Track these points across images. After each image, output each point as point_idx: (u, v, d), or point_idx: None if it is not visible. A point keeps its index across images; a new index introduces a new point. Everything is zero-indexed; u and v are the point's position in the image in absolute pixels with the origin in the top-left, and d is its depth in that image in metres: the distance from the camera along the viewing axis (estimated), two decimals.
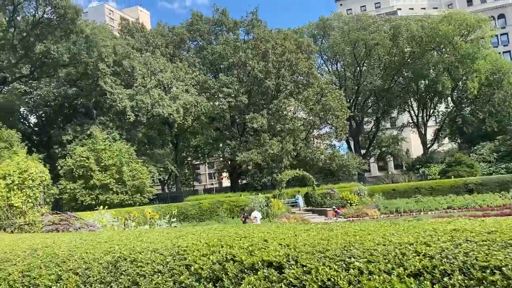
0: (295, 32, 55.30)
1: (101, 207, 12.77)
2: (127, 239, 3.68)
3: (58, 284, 3.19)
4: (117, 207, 26.53)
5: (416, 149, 77.65)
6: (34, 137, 45.89)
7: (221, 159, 65.86)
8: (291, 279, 2.24)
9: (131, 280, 2.82)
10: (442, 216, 24.82)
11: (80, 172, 30.54)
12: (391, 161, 79.61)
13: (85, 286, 3.04)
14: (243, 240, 2.81)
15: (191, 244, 2.95)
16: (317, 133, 51.83)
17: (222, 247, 2.78)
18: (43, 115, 47.26)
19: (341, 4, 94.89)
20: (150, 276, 2.75)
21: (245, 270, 2.46)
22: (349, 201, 33.71)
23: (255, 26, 48.23)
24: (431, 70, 57.28)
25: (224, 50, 45.18)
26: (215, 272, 2.53)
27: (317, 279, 2.15)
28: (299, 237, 2.67)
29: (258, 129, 41.48)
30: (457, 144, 61.18)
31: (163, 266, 2.78)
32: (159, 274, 2.73)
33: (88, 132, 35.41)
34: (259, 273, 2.38)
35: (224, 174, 70.21)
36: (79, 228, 9.91)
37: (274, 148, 39.58)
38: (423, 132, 63.18)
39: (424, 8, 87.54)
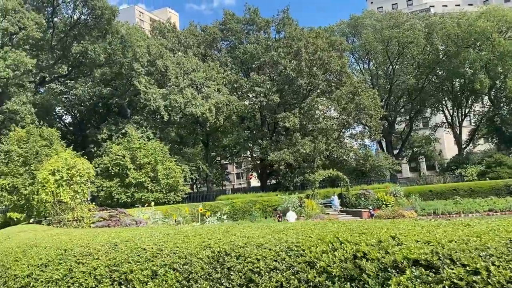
0: (326, 30, 54.60)
1: (152, 203, 12.72)
2: (216, 233, 3.46)
3: (156, 280, 2.98)
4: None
5: (449, 150, 75.56)
6: (69, 136, 46.83)
7: (249, 159, 65.76)
8: (454, 280, 1.94)
9: (243, 277, 2.58)
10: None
11: (116, 170, 30.95)
12: (423, 162, 77.76)
13: (188, 282, 2.81)
14: (364, 236, 2.53)
15: (302, 240, 2.68)
16: (349, 132, 50.99)
17: (341, 243, 2.50)
18: (77, 114, 48.17)
19: (371, 2, 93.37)
20: (266, 273, 2.49)
21: (387, 269, 2.18)
22: (384, 202, 32.93)
23: (286, 25, 47.86)
24: (467, 69, 55.47)
25: (256, 49, 44.96)
26: (348, 271, 2.26)
27: (491, 280, 1.85)
28: (435, 233, 2.37)
29: (290, 128, 41.04)
30: (494, 144, 59.05)
31: (279, 262, 2.52)
32: (277, 271, 2.48)
33: (123, 131, 35.87)
34: (407, 272, 2.10)
35: (253, 174, 70.08)
36: (129, 224, 9.86)
37: (306, 148, 39.09)
38: (458, 132, 61.34)
39: (459, 5, 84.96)
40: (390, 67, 58.83)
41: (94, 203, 12.79)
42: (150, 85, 37.12)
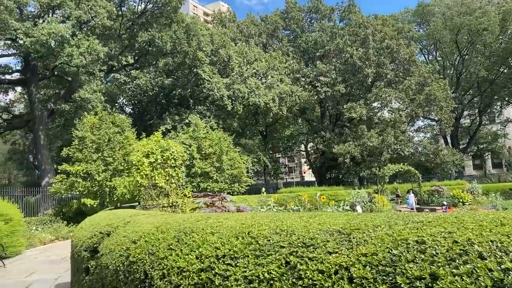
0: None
1: (263, 189, 11.81)
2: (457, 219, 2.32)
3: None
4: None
5: None
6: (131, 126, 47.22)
7: (303, 152, 64.20)
8: None
9: None
10: None
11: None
12: (489, 159, 73.08)
13: None
14: None
15: None
16: (416, 126, 48.33)
17: None
18: (138, 104, 48.60)
19: None
20: None
21: None
22: (461, 200, 30.67)
23: (352, 12, 45.84)
24: None
25: (321, 37, 43.31)
26: None
27: None
28: None
29: (356, 119, 39.19)
30: None
31: None
32: None
33: (186, 121, 35.56)
34: None
35: (306, 168, 68.51)
36: (233, 210, 8.99)
37: (373, 141, 37.14)
38: None
39: None
40: (458, 57, 55.22)
41: (190, 187, 12.03)
42: (213, 75, 36.58)
